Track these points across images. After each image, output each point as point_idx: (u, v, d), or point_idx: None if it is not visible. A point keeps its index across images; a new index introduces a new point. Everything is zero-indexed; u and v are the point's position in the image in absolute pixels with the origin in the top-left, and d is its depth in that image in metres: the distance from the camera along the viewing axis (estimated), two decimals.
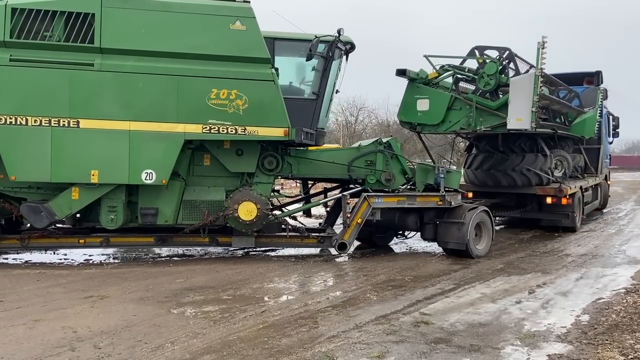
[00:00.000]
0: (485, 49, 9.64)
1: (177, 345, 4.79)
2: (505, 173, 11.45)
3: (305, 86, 9.15)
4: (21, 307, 5.90)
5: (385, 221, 9.06)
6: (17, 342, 4.83)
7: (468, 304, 6.20)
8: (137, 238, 8.61)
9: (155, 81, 7.75)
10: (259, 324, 5.40)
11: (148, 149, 7.79)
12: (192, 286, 6.91)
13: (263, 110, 7.94)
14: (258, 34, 7.89)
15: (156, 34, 7.75)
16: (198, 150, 8.46)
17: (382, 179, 8.99)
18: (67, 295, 6.37)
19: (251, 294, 6.61)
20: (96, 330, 5.15)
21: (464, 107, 9.56)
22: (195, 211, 8.38)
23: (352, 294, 6.63)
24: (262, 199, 8.33)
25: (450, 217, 8.85)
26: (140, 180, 7.83)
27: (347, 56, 9.48)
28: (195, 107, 7.81)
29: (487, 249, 9.08)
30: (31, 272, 7.57)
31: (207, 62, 7.85)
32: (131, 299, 6.28)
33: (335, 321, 5.49)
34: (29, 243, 8.24)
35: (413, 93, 10.02)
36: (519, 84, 8.94)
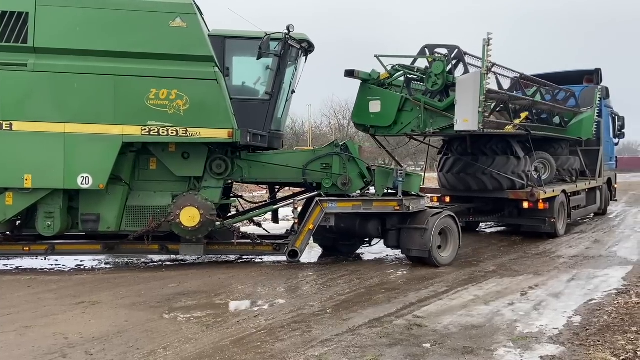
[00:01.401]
0: (435, 48, 9.22)
1: (169, 351, 4.76)
2: (475, 177, 11.06)
3: (261, 87, 8.77)
4: (11, 313, 5.84)
5: (347, 228, 8.76)
6: (8, 349, 4.78)
7: (461, 306, 6.21)
8: (83, 246, 8.31)
9: (91, 81, 7.49)
10: (252, 329, 5.38)
11: (84, 152, 7.51)
12: (185, 291, 6.88)
13: (205, 111, 7.63)
14: (200, 31, 7.60)
15: (92, 32, 7.51)
16: (143, 153, 8.14)
17: (339, 183, 8.49)
18: (59, 301, 6.31)
19: (244, 298, 6.59)
20: (88, 336, 5.11)
21: (414, 108, 9.14)
22: (140, 217, 8.03)
23: (345, 297, 6.62)
24: (208, 204, 7.91)
25: (413, 223, 8.43)
26: (76, 185, 7.55)
27: (305, 55, 9.17)
28: (133, 108, 7.53)
29: (453, 256, 8.64)
30: (22, 278, 7.50)
31: (145, 61, 7.58)
32: (123, 304, 6.24)
33: (328, 325, 5.48)
34: None
35: (365, 94, 9.61)
36: (464, 83, 8.48)
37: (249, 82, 8.94)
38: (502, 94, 9.46)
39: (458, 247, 8.75)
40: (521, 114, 10.23)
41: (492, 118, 9.42)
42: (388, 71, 9.52)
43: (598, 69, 14.18)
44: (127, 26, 7.56)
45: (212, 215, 7.92)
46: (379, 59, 9.56)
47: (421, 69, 9.28)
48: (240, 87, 8.72)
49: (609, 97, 15.00)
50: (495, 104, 9.39)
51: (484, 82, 8.27)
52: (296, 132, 36.56)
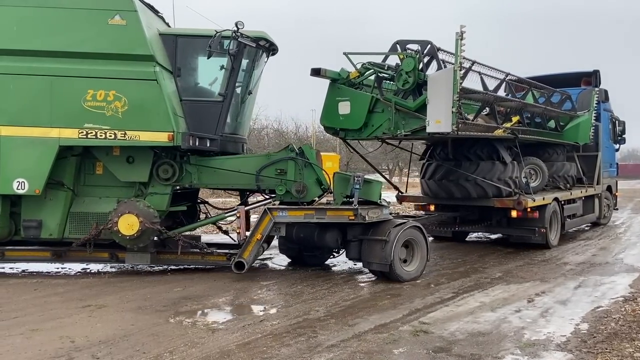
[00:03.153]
0: (407, 43, 8.51)
1: (175, 355, 4.76)
2: (457, 183, 10.24)
3: (216, 87, 8.31)
4: (18, 316, 5.86)
5: (306, 238, 8.16)
6: (15, 352, 4.79)
7: (467, 312, 6.19)
8: (33, 252, 8.12)
9: (27, 82, 7.32)
10: (258, 333, 5.37)
11: (20, 156, 7.35)
12: (190, 295, 6.88)
13: (145, 113, 7.34)
14: (140, 29, 7.32)
15: (28, 32, 7.35)
16: (88, 157, 7.91)
17: (293, 190, 7.95)
18: (65, 305, 6.33)
19: (250, 303, 6.59)
20: (94, 339, 5.12)
21: (385, 109, 8.40)
22: (85, 224, 7.73)
23: (350, 302, 6.61)
24: (149, 211, 7.55)
25: (374, 234, 7.71)
26: (11, 190, 7.38)
27: (267, 55, 8.79)
28: (70, 110, 7.30)
29: (419, 270, 7.93)
30: (28, 282, 7.53)
31: (82, 61, 7.35)
32: (129, 308, 6.25)
33: (334, 330, 5.47)
34: None
35: (334, 95, 8.84)
36: (436, 81, 7.78)
37: (203, 83, 8.57)
38: (483, 94, 8.76)
39: (426, 260, 8.06)
40: (512, 118, 9.66)
41: (480, 121, 8.89)
42: (358, 70, 8.75)
43: (596, 70, 13.56)
44: (64, 25, 7.37)
45: (153, 223, 7.52)
46: (347, 56, 8.77)
47: (392, 66, 8.62)
48: (193, 87, 8.33)
49: (608, 100, 14.27)
50: (480, 105, 8.93)
51: (458, 79, 7.49)
52: (300, 137, 36.53)
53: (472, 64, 8.61)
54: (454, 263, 9.39)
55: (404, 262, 7.89)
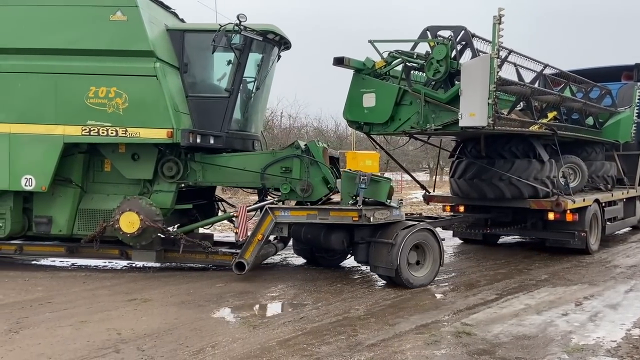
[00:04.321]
0: (438, 30, 7.94)
1: (217, 350, 4.83)
2: (490, 183, 9.53)
3: (223, 83, 8.18)
4: (68, 308, 6.09)
5: (313, 239, 7.83)
6: (64, 342, 4.97)
7: (512, 315, 6.02)
8: (49, 247, 8.27)
9: (33, 80, 7.43)
10: (298, 331, 5.39)
11: (27, 153, 7.47)
12: (231, 291, 6.97)
13: (145, 110, 7.30)
14: (140, 25, 7.27)
15: (34, 30, 7.43)
16: (96, 154, 7.99)
17: (297, 189, 7.72)
18: (112, 298, 6.54)
19: (289, 300, 6.62)
20: (139, 332, 5.26)
21: (414, 101, 7.81)
22: (93, 221, 7.81)
23: (390, 302, 6.55)
24: (151, 209, 7.50)
25: (382, 236, 7.29)
26: (20, 187, 7.52)
27: (278, 49, 8.55)
28: (73, 107, 7.36)
29: (431, 277, 7.43)
30: (77, 275, 7.81)
31: (85, 58, 7.38)
32: (173, 302, 6.39)
33: (374, 329, 5.43)
34: None
35: (358, 86, 8.25)
36: (471, 69, 7.17)
37: (210, 78, 8.43)
38: (521, 85, 8.11)
39: (439, 265, 7.54)
40: (548, 114, 9.04)
41: (514, 116, 8.22)
42: (384, 59, 8.20)
43: (638, 64, 12.68)
44: (67, 22, 7.42)
45: (155, 221, 7.48)
46: (373, 44, 8.21)
47: (422, 55, 8.00)
48: (200, 83, 8.19)
49: None
50: (515, 99, 8.23)
51: (495, 68, 6.95)
52: (339, 135, 36.48)
53: (509, 53, 8.07)
54: (497, 264, 9.16)
55: (417, 264, 7.46)
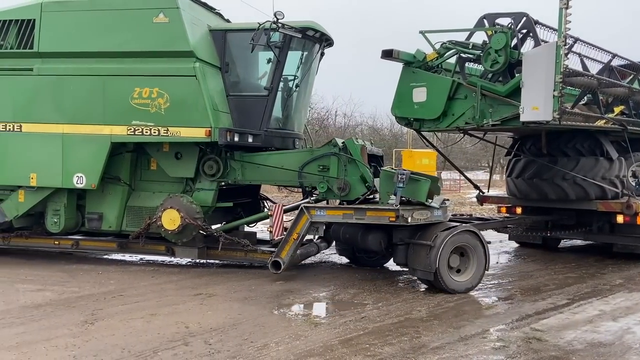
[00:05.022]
0: (497, 17, 7.43)
1: (281, 346, 4.88)
2: (552, 183, 8.95)
3: (264, 82, 8.15)
4: (139, 301, 6.35)
5: (351, 239, 7.69)
6: (136, 334, 5.19)
7: (585, 321, 5.72)
8: (102, 243, 8.50)
9: (84, 82, 7.72)
10: (360, 330, 5.36)
11: (78, 152, 7.75)
12: (292, 288, 7.04)
13: (185, 109, 7.40)
14: (181, 26, 7.39)
15: (85, 34, 7.73)
16: (143, 153, 8.19)
17: (334, 187, 7.52)
18: (179, 292, 6.76)
19: (349, 299, 6.60)
20: (206, 326, 5.41)
21: (469, 95, 7.36)
22: (140, 218, 8.02)
23: (454, 304, 6.39)
24: (191, 207, 7.63)
25: (421, 237, 6.99)
26: (72, 184, 7.81)
27: (319, 45, 8.43)
28: (120, 108, 7.58)
29: (474, 281, 6.99)
30: (146, 269, 8.13)
31: (130, 60, 7.60)
32: (236, 298, 6.53)
33: (438, 332, 5.31)
34: (9, 242, 8.57)
35: (408, 80, 7.86)
36: (534, 59, 6.61)
37: (251, 77, 8.45)
38: (588, 77, 7.47)
39: (484, 270, 7.08)
40: (615, 108, 8.33)
41: (578, 110, 7.57)
42: (436, 50, 7.81)
43: None
44: (115, 26, 7.68)
45: (195, 218, 7.59)
46: (424, 35, 7.82)
47: (478, 45, 7.51)
48: (241, 82, 8.20)
49: None
50: (580, 92, 7.57)
51: (562, 57, 6.37)
52: (395, 134, 36.08)
53: (575, 41, 7.55)
54: (566, 267, 8.74)
55: (457, 271, 7.05)
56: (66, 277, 7.50)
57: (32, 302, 6.22)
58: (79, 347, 4.79)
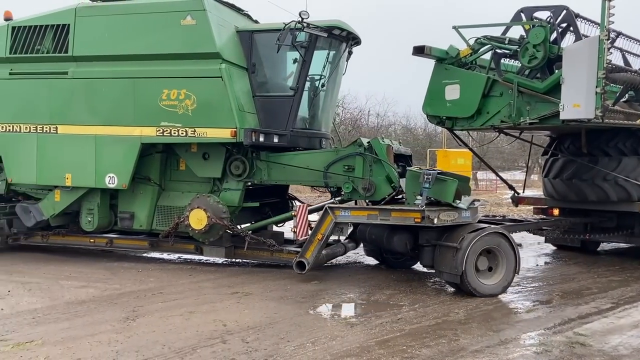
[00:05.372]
0: (535, 11, 7.17)
1: (317, 346, 4.89)
2: (593, 183, 8.64)
3: (290, 82, 8.13)
4: (177, 299, 6.47)
5: (376, 240, 7.59)
6: (176, 331, 5.28)
7: (631, 325, 5.52)
8: (134, 241, 8.67)
9: (115, 85, 7.90)
10: (396, 332, 5.32)
11: (110, 153, 7.95)
12: (327, 288, 7.04)
13: (211, 110, 7.47)
14: (208, 28, 7.45)
15: (116, 38, 7.91)
16: (172, 154, 8.33)
17: (359, 187, 7.46)
18: (216, 290, 6.85)
19: (385, 300, 6.55)
20: (243, 324, 5.46)
21: (505, 92, 7.12)
22: (169, 217, 8.14)
23: (493, 307, 6.26)
24: (218, 207, 7.71)
25: (447, 239, 6.82)
26: (104, 184, 8.02)
27: (346, 44, 8.36)
28: (149, 110, 7.71)
29: (503, 285, 6.78)
30: (184, 268, 8.28)
31: (159, 62, 7.72)
32: (272, 297, 6.58)
33: (477, 335, 5.22)
34: (48, 240, 8.89)
35: (440, 77, 7.63)
36: (575, 54, 6.34)
37: (278, 78, 8.45)
38: (632, 73, 7.14)
39: (514, 274, 6.88)
40: None
41: (619, 108, 7.19)
42: (470, 46, 7.57)
43: None
44: (144, 29, 7.82)
45: (221, 218, 7.67)
46: (457, 30, 7.59)
47: (515, 40, 7.28)
48: (267, 83, 8.22)
49: None
50: (622, 89, 7.17)
51: (605, 51, 6.11)
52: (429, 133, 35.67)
53: (618, 35, 7.23)
54: (610, 270, 8.46)
55: (489, 270, 6.84)
56: (108, 275, 7.72)
57: (76, 299, 6.43)
58: (121, 343, 4.91)
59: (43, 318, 5.66)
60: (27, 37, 8.37)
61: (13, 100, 8.43)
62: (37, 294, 6.65)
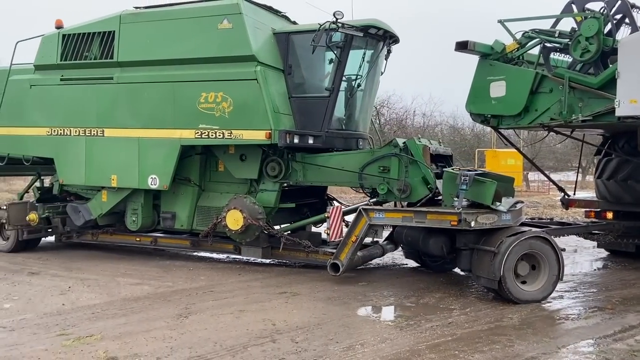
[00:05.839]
0: (587, 2, 6.81)
1: (366, 348, 4.86)
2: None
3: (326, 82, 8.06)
4: (227, 297, 6.59)
5: (413, 242, 7.48)
6: (227, 329, 5.39)
7: None
8: (177, 240, 8.93)
9: (157, 89, 8.10)
10: (447, 336, 5.22)
11: (152, 155, 8.16)
12: (374, 290, 7.00)
13: (247, 112, 7.54)
14: (244, 31, 7.50)
15: (158, 43, 8.10)
16: (211, 156, 8.49)
17: (395, 189, 7.35)
18: (265, 290, 6.94)
19: (435, 303, 6.44)
20: (292, 324, 5.51)
21: (555, 88, 6.77)
22: (208, 217, 8.29)
23: (548, 313, 6.05)
24: (254, 208, 7.76)
25: (486, 243, 6.57)
26: (147, 185, 8.24)
27: (383, 43, 8.24)
28: (188, 113, 7.87)
29: (544, 292, 6.45)
30: (233, 267, 8.43)
31: (198, 66, 7.85)
32: (320, 297, 6.59)
33: (532, 341, 5.05)
34: (97, 238, 9.32)
35: (485, 74, 7.37)
36: (632, 47, 6.05)
37: (314, 79, 8.38)
38: None
39: (557, 280, 6.51)
40: None
41: None
42: (517, 40, 7.26)
43: None
44: (184, 34, 7.97)
45: (257, 219, 7.72)
46: (503, 24, 7.33)
47: (566, 32, 6.93)
48: (304, 84, 8.18)
49: None
50: None
51: None
52: (477, 133, 34.81)
53: None
54: None
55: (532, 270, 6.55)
56: (161, 272, 7.96)
57: (132, 295, 6.66)
58: (175, 340, 5.05)
59: (101, 313, 5.91)
60: (76, 44, 8.77)
61: (64, 105, 8.86)
62: (95, 290, 6.94)
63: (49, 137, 8.91)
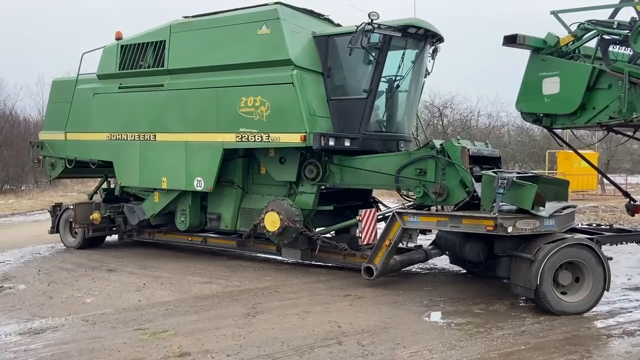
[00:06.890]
0: None
1: (435, 354, 4.76)
2: None
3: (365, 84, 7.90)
4: (292, 298, 6.67)
5: (451, 246, 7.37)
6: (293, 329, 5.44)
7: None
8: (224, 240, 9.23)
9: (202, 95, 8.37)
10: (520, 345, 5.01)
11: (198, 158, 8.42)
12: (441, 295, 6.84)
13: (283, 115, 7.61)
14: (281, 36, 7.62)
15: (203, 51, 8.38)
16: (253, 159, 8.67)
17: (431, 192, 7.09)
18: (329, 292, 6.96)
19: (505, 311, 6.21)
20: (357, 327, 5.48)
21: (614, 84, 6.28)
22: (251, 218, 8.45)
23: (630, 322, 5.65)
24: (291, 210, 7.84)
25: (524, 249, 6.25)
26: (193, 187, 8.49)
27: (425, 43, 8.06)
28: (230, 117, 8.04)
29: (587, 303, 6.05)
30: (297, 268, 8.51)
31: (239, 72, 8.03)
32: (385, 301, 6.53)
33: (613, 353, 4.74)
34: (154, 236, 9.88)
35: (536, 70, 6.86)
36: None
37: (353, 81, 8.25)
38: None
39: (603, 291, 6.09)
40: None
41: None
42: (572, 33, 6.74)
43: None
44: (226, 40, 8.18)
45: (294, 221, 7.79)
46: (557, 16, 6.83)
47: (625, 23, 6.40)
48: (342, 86, 8.12)
49: None
50: None
51: None
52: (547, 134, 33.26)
53: None
54: None
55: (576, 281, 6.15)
56: (228, 272, 8.18)
57: (202, 293, 6.89)
58: (244, 338, 5.17)
59: (174, 310, 6.15)
60: (133, 54, 9.26)
61: (121, 112, 9.38)
62: (168, 287, 7.24)
63: (109, 142, 9.49)
